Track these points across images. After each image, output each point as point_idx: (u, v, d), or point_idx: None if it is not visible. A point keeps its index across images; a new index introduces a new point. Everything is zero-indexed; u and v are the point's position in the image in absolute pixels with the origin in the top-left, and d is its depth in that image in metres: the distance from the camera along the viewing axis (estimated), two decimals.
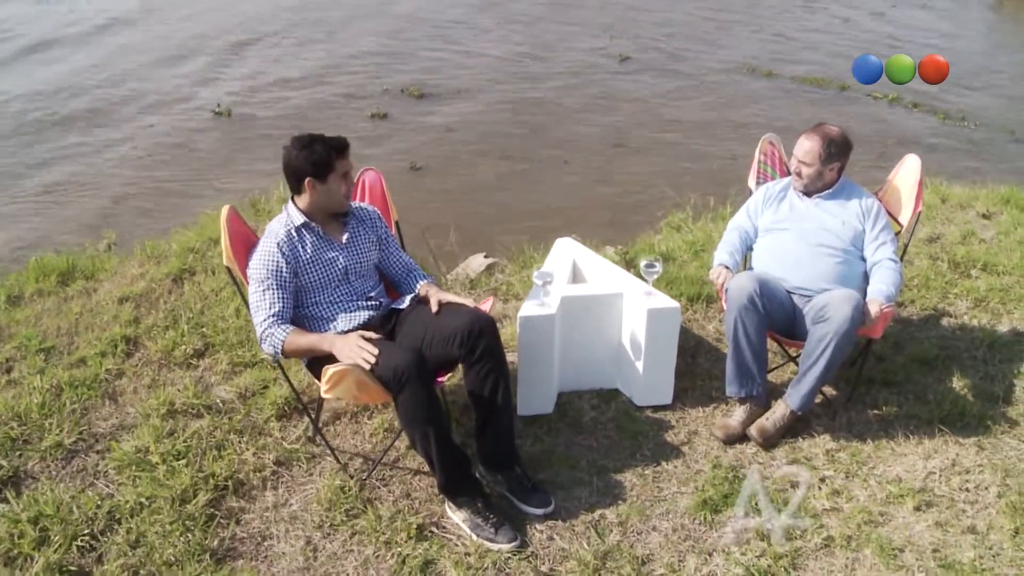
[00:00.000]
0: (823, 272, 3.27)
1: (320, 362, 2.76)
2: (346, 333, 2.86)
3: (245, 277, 2.93)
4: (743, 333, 3.14)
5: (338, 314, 2.97)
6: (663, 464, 3.12)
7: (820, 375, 3.10)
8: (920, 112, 8.79)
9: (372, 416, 3.33)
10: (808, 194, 3.41)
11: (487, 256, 4.86)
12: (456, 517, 2.82)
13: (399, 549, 2.71)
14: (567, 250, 3.63)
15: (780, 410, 3.22)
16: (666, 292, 3.42)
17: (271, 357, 2.89)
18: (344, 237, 3.02)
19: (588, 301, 3.34)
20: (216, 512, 2.85)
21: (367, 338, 2.73)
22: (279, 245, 2.88)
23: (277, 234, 2.91)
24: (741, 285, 3.12)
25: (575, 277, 3.58)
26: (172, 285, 4.21)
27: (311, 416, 3.18)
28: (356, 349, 2.68)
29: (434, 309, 2.94)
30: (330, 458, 3.10)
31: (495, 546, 2.71)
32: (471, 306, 2.93)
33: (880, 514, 2.88)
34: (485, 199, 6.66)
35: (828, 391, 3.50)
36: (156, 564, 2.63)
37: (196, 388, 3.42)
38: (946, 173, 6.05)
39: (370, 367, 2.63)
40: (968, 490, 3.00)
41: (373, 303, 3.03)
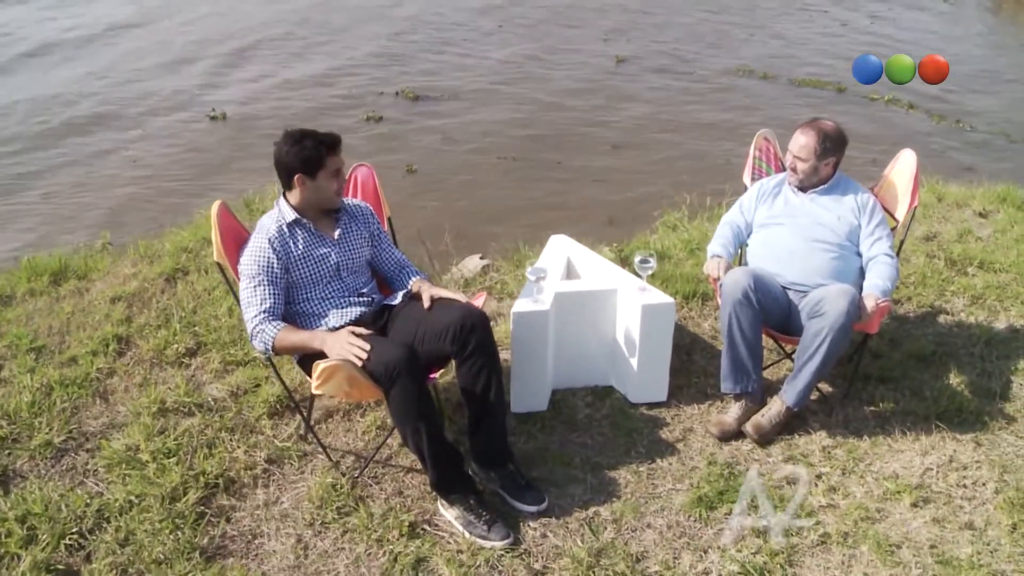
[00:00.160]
0: (818, 267, 3.25)
1: (311, 359, 2.73)
2: (337, 329, 2.84)
3: (236, 273, 2.91)
4: (738, 328, 3.11)
5: (330, 310, 2.95)
6: (658, 461, 3.09)
7: (816, 371, 3.08)
8: (917, 113, 8.79)
9: (365, 414, 3.30)
10: (803, 189, 3.39)
11: (483, 257, 4.85)
12: (448, 514, 2.79)
13: (391, 547, 2.68)
14: (561, 247, 3.61)
15: (776, 406, 3.19)
16: (661, 290, 3.40)
17: (262, 354, 2.87)
18: (336, 233, 2.99)
19: (582, 297, 3.31)
20: (206, 510, 2.82)
21: (357, 334, 2.71)
22: (270, 241, 2.86)
23: (268, 230, 2.89)
24: (735, 280, 3.09)
25: (569, 274, 3.56)
26: (165, 284, 4.19)
27: (303, 414, 3.16)
28: (347, 346, 2.66)
29: (426, 305, 2.92)
30: (322, 456, 3.07)
31: (488, 544, 2.68)
32: (463, 301, 2.90)
33: (877, 510, 2.86)
34: (481, 201, 6.64)
35: (824, 388, 3.47)
36: (145, 562, 2.60)
37: (188, 386, 3.40)
38: (942, 173, 6.03)
39: (361, 363, 2.61)
40: (965, 486, 2.97)
41: (365, 299, 3.01)
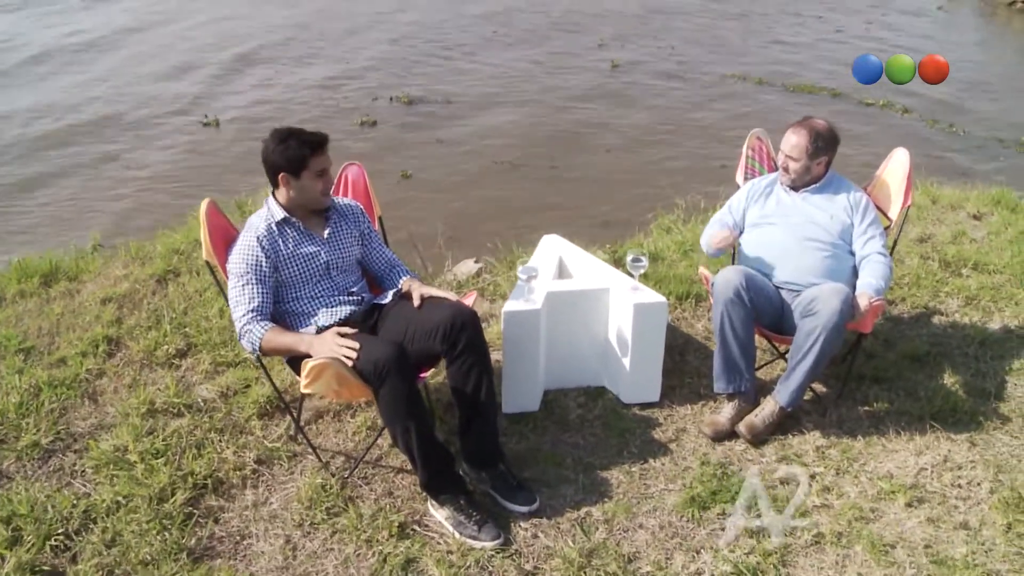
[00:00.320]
0: (811, 266, 3.23)
1: (301, 358, 2.71)
2: (326, 328, 2.81)
3: (225, 272, 2.89)
4: (730, 328, 3.10)
5: (319, 309, 2.92)
6: (650, 461, 3.07)
7: (809, 370, 3.06)
8: (911, 117, 8.81)
9: (355, 414, 3.28)
10: (796, 188, 3.38)
11: (478, 261, 4.83)
12: (439, 515, 2.76)
13: (380, 547, 2.65)
14: (553, 247, 3.60)
15: (769, 406, 3.17)
16: (655, 291, 3.37)
17: (251, 354, 2.85)
18: (325, 232, 2.97)
19: (574, 296, 3.29)
20: (194, 511, 2.79)
21: (344, 334, 2.69)
22: (259, 239, 2.84)
23: (257, 228, 2.87)
24: (727, 279, 3.08)
25: (561, 273, 3.54)
26: (156, 286, 4.17)
27: (292, 414, 3.13)
28: (334, 347, 2.64)
29: (416, 303, 2.90)
30: (312, 457, 3.05)
31: (478, 544, 2.66)
32: (453, 300, 2.88)
33: (871, 510, 2.84)
34: (475, 204, 6.63)
35: (818, 388, 3.46)
36: (131, 563, 2.57)
37: (177, 387, 3.37)
38: (936, 176, 6.03)
39: (351, 361, 2.59)
40: (960, 486, 2.95)
41: (355, 298, 2.99)
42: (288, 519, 2.79)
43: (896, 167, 3.48)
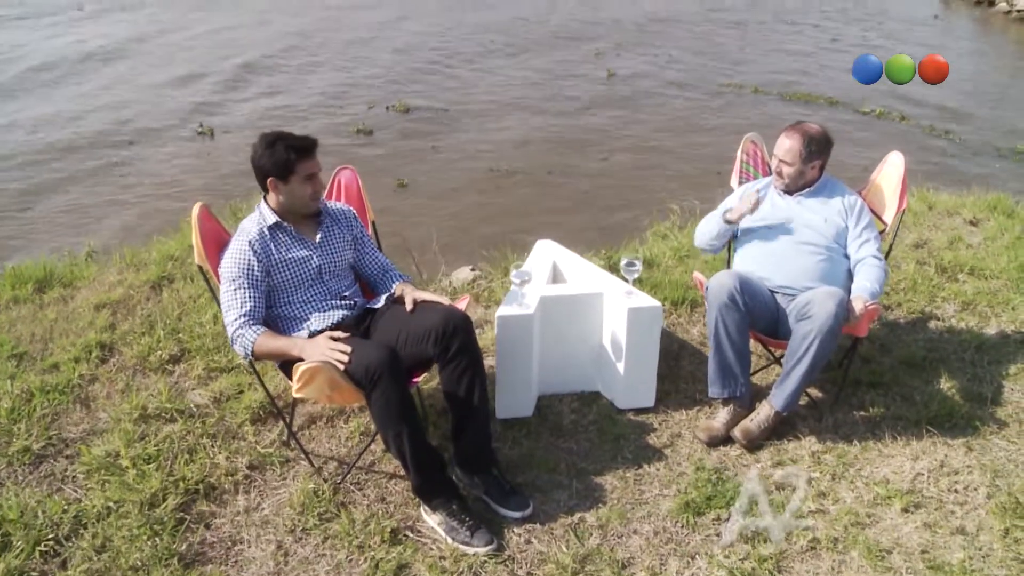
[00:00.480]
0: (806, 270, 3.22)
1: (293, 363, 2.69)
2: (319, 333, 2.80)
3: (217, 276, 2.88)
4: (724, 332, 3.08)
5: (311, 313, 2.91)
6: (645, 467, 3.05)
7: (804, 374, 3.04)
8: (907, 125, 8.82)
9: (348, 420, 3.26)
10: (790, 192, 3.37)
11: (474, 269, 4.82)
12: (431, 520, 2.74)
13: (372, 553, 2.63)
14: (547, 251, 3.59)
15: (764, 411, 3.16)
16: (650, 296, 3.36)
17: (243, 359, 2.83)
18: (317, 236, 2.96)
19: (568, 301, 3.28)
20: (186, 516, 2.77)
21: (336, 338, 2.68)
22: (251, 243, 2.83)
23: (249, 232, 2.86)
24: (721, 283, 3.07)
25: (555, 278, 3.53)
26: (150, 292, 4.15)
27: (285, 420, 3.11)
28: (327, 352, 2.62)
29: (409, 307, 2.89)
30: (304, 462, 3.03)
31: (471, 550, 2.64)
32: (446, 304, 2.87)
33: (867, 516, 2.82)
34: (471, 212, 6.64)
35: (814, 392, 3.44)
36: (122, 568, 2.55)
37: (170, 393, 3.35)
38: (933, 182, 6.03)
39: (343, 365, 2.58)
40: (957, 491, 2.93)
41: (347, 303, 2.98)
42: (280, 525, 2.77)
43: (891, 171, 3.48)
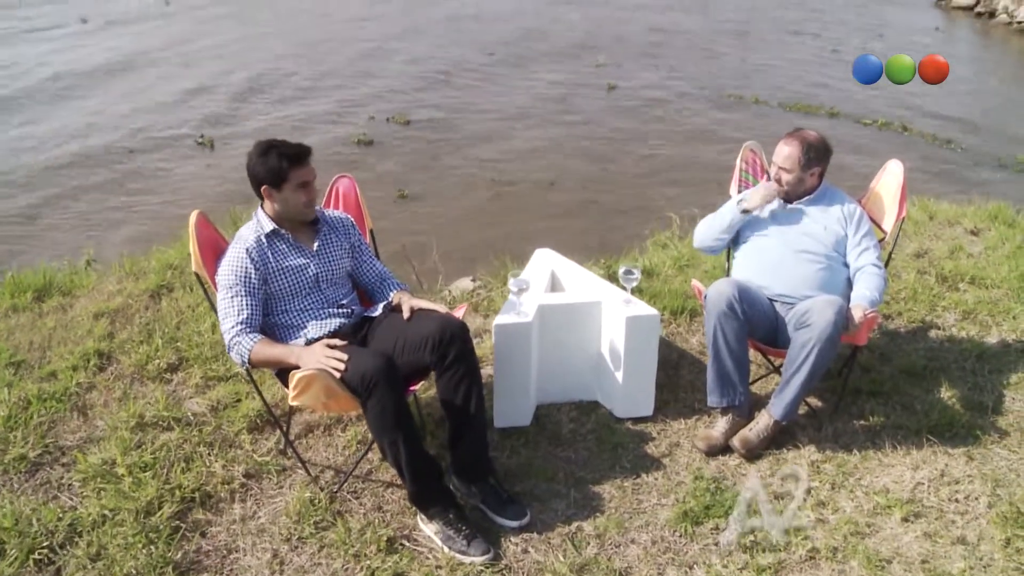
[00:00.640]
0: (805, 278, 3.21)
1: (290, 370, 2.68)
2: (315, 341, 2.79)
3: (214, 283, 2.88)
4: (723, 341, 3.07)
5: (309, 322, 2.90)
6: (643, 476, 3.04)
7: (804, 383, 3.03)
8: (909, 135, 8.83)
9: (346, 428, 3.25)
10: (789, 200, 3.37)
11: (475, 279, 4.82)
12: (428, 529, 2.73)
13: (368, 562, 2.61)
14: (546, 260, 3.58)
15: (763, 420, 3.14)
16: (650, 305, 3.34)
17: (240, 366, 2.83)
18: (315, 244, 2.96)
19: (566, 310, 3.27)
20: (181, 525, 2.76)
21: (333, 346, 2.67)
22: (248, 251, 2.82)
23: (246, 240, 2.85)
24: (720, 291, 3.06)
25: (553, 287, 3.52)
26: (149, 301, 4.15)
27: (282, 428, 3.11)
28: (323, 359, 2.62)
29: (406, 315, 2.88)
30: (301, 471, 3.02)
31: (467, 559, 2.62)
32: (443, 312, 2.86)
33: (867, 525, 2.80)
34: (471, 222, 6.65)
35: (813, 402, 3.42)
36: None
37: (167, 401, 3.35)
38: (934, 192, 6.04)
39: (339, 373, 2.57)
40: (958, 500, 2.91)
41: (344, 311, 2.97)
42: (276, 533, 2.75)
43: (890, 179, 3.47)
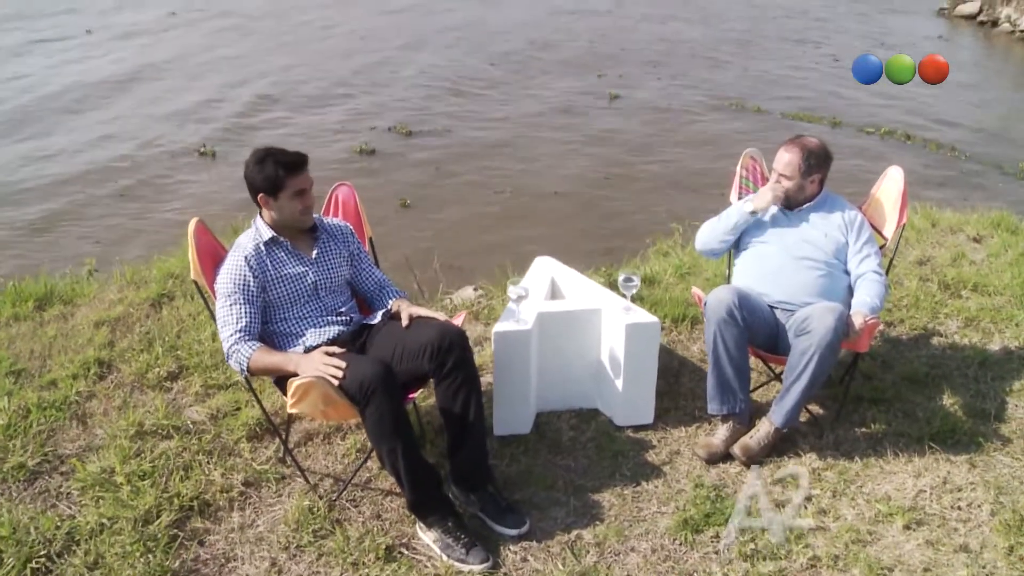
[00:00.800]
0: (806, 285, 3.20)
1: (288, 378, 2.68)
2: (314, 349, 2.79)
3: (213, 291, 2.88)
4: (723, 348, 3.06)
5: (307, 330, 2.90)
6: (643, 484, 3.02)
7: (804, 389, 3.01)
8: (913, 144, 8.82)
9: (345, 437, 3.24)
10: (790, 207, 3.36)
11: (476, 289, 4.82)
12: (426, 537, 2.71)
13: (366, 570, 2.60)
14: (546, 268, 3.58)
15: (764, 428, 3.13)
16: (651, 313, 3.33)
17: (239, 374, 2.82)
18: (314, 252, 2.96)
19: (565, 317, 3.27)
20: (179, 533, 2.75)
21: (331, 353, 2.67)
22: (247, 259, 2.83)
23: (245, 248, 2.86)
24: (719, 298, 3.05)
25: (553, 294, 3.51)
26: (150, 309, 4.15)
27: (281, 436, 3.10)
28: (321, 366, 2.61)
29: (404, 323, 2.87)
30: (300, 479, 3.01)
31: (466, 567, 2.60)
32: (442, 320, 2.86)
33: (868, 533, 2.78)
34: (473, 231, 6.65)
35: (814, 409, 3.41)
36: None
37: (167, 409, 3.34)
38: (936, 199, 6.02)
39: (337, 380, 2.56)
40: (960, 508, 2.89)
41: (343, 318, 2.97)
42: (274, 542, 2.74)
43: (890, 185, 3.46)
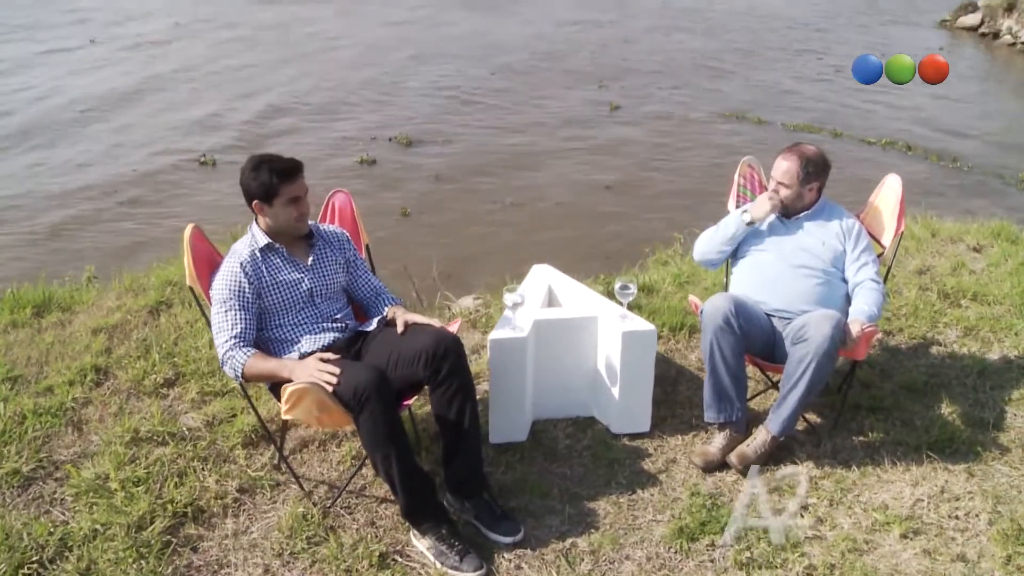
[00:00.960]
0: (803, 293, 3.20)
1: (283, 384, 2.68)
2: (308, 355, 2.79)
3: (208, 297, 2.88)
4: (719, 356, 3.05)
5: (303, 336, 2.90)
6: (639, 492, 3.00)
7: (801, 397, 3.00)
8: (914, 155, 8.82)
9: (341, 444, 3.23)
10: (787, 215, 3.36)
11: (476, 298, 4.82)
12: (420, 545, 2.70)
13: None
14: (543, 276, 3.57)
15: (761, 436, 3.11)
16: (649, 322, 3.32)
17: (234, 380, 2.82)
18: (309, 259, 2.96)
19: (561, 325, 3.26)
20: (173, 539, 2.74)
21: (325, 359, 2.66)
22: (242, 265, 2.83)
23: (241, 254, 2.86)
24: (716, 306, 3.04)
25: (551, 302, 3.51)
26: (148, 317, 4.15)
27: (276, 443, 3.09)
28: (315, 372, 2.61)
29: (400, 329, 2.87)
30: (295, 486, 3.00)
31: (460, 575, 2.59)
32: (437, 326, 2.86)
33: (865, 542, 2.76)
34: (473, 240, 6.66)
35: (812, 418, 3.39)
36: None
37: (163, 416, 3.34)
38: (937, 210, 6.01)
39: (331, 387, 2.56)
40: (958, 517, 2.87)
41: (339, 325, 2.96)
42: (268, 548, 2.73)
43: (888, 193, 3.46)
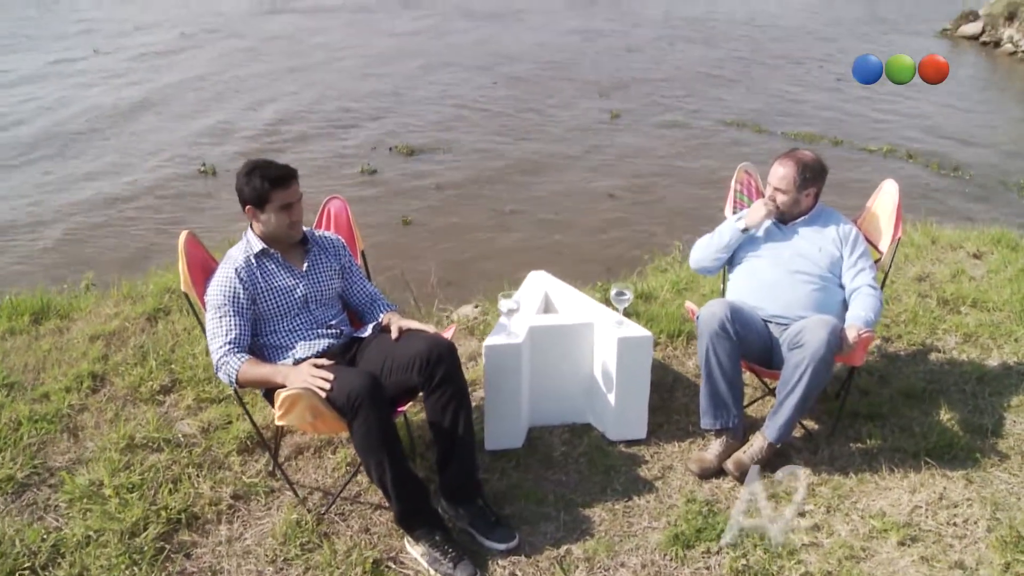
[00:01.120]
0: (800, 299, 3.18)
1: (277, 390, 2.67)
2: (303, 361, 2.78)
3: (203, 303, 2.88)
4: (716, 362, 3.04)
5: (297, 342, 2.90)
6: (634, 499, 2.99)
7: (798, 404, 2.98)
8: (915, 163, 8.81)
9: (336, 450, 3.22)
10: (784, 221, 3.35)
11: (476, 306, 4.81)
12: (414, 551, 2.69)
13: None
14: (539, 282, 3.57)
15: (757, 443, 3.09)
16: (646, 329, 3.31)
17: (228, 385, 2.82)
18: (304, 265, 2.96)
19: (557, 331, 3.25)
20: (166, 546, 2.73)
21: (319, 365, 2.66)
22: (237, 271, 2.83)
23: (236, 260, 2.86)
24: (712, 311, 3.03)
25: (547, 308, 3.50)
26: (145, 324, 4.16)
27: (270, 449, 3.08)
28: (309, 378, 2.60)
29: (394, 335, 2.87)
30: (289, 493, 2.99)
31: None
32: (432, 332, 2.85)
33: (862, 549, 2.74)
34: (473, 248, 6.65)
35: (809, 424, 3.38)
36: None
37: (159, 423, 3.33)
38: (938, 217, 6.00)
39: (324, 392, 2.55)
40: (956, 524, 2.85)
41: (333, 331, 2.96)
42: (262, 555, 2.72)
43: (885, 199, 3.45)
